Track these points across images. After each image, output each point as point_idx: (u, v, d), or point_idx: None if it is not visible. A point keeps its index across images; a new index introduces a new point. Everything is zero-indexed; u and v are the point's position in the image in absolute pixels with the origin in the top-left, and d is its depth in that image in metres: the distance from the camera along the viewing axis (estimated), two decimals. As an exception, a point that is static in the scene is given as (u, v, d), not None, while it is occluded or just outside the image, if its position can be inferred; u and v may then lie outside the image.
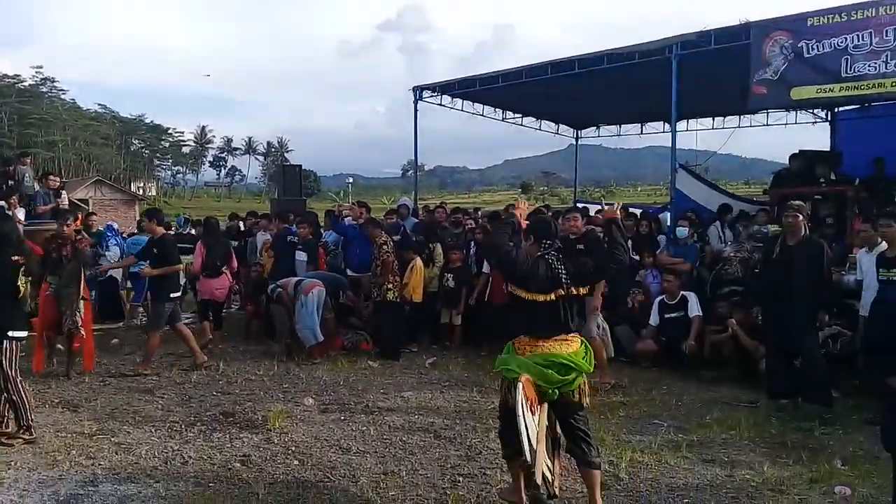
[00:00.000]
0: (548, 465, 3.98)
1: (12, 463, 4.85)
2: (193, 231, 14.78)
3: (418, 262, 9.11)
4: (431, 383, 7.49)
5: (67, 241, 7.63)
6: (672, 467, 4.94)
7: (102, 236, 11.93)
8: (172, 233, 12.41)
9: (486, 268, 9.12)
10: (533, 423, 3.74)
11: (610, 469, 4.85)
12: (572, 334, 4.08)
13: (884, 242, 6.44)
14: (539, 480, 3.80)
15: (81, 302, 7.41)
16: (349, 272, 9.92)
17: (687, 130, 16.49)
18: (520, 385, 3.72)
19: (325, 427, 5.84)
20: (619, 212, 4.52)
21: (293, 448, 5.29)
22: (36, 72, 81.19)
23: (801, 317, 6.29)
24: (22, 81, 79.02)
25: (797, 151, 11.46)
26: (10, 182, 11.84)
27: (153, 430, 5.68)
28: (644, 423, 6.06)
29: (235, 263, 10.20)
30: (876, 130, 12.54)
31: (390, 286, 8.70)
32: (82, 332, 7.41)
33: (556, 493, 4.20)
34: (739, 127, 16.25)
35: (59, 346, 8.07)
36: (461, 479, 4.69)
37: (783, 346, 6.50)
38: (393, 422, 6.00)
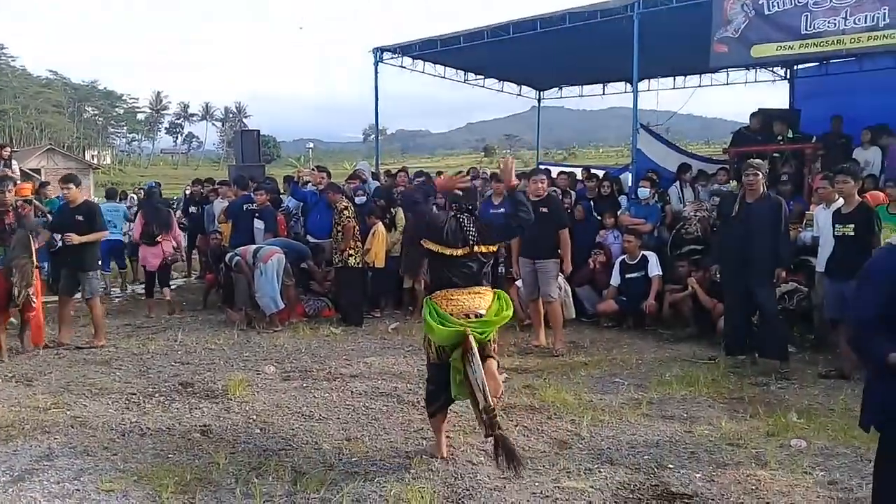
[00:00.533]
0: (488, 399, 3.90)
1: (-39, 439, 4.70)
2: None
3: (380, 227, 9.04)
4: (395, 348, 7.46)
5: (8, 209, 7.33)
6: (632, 424, 4.99)
7: (55, 205, 11.60)
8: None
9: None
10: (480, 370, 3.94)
11: (571, 428, 4.90)
12: (485, 287, 4.36)
13: (840, 199, 6.51)
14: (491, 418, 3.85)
15: (35, 271, 7.10)
16: (310, 238, 9.80)
17: (648, 91, 16.46)
18: (471, 340, 3.97)
19: (286, 395, 5.78)
20: (514, 178, 4.82)
21: (254, 417, 5.23)
22: (-19, 37, 78.26)
23: (759, 273, 6.36)
24: (-32, 48, 76.17)
25: (756, 110, 11.53)
26: (-46, 151, 11.45)
27: (110, 403, 5.56)
28: (605, 383, 6.11)
29: (178, 232, 10.25)
30: (834, 88, 12.69)
31: (352, 252, 8.61)
32: (34, 304, 7.06)
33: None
34: (700, 86, 16.31)
35: (12, 318, 7.69)
36: (424, 441, 4.67)
37: (741, 303, 6.59)
38: (356, 388, 5.96)
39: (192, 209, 12.82)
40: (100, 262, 8.95)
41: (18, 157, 24.57)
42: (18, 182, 11.86)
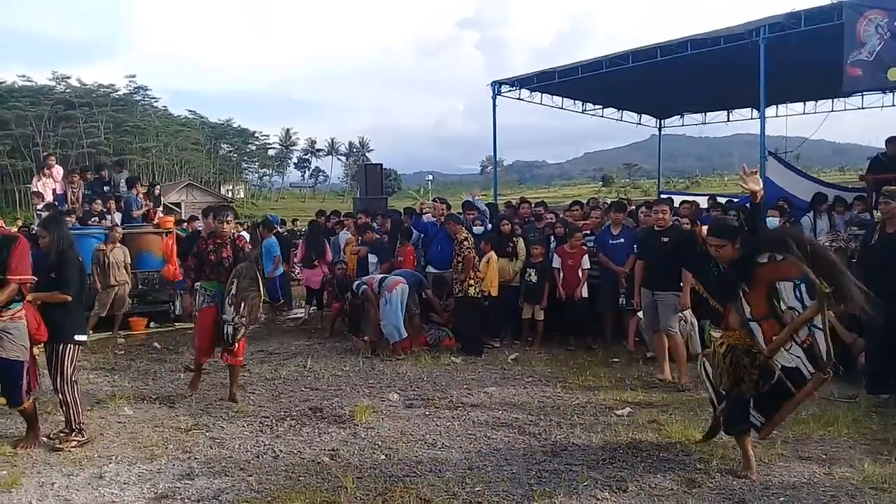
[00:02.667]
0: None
1: (113, 457, 5.09)
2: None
3: (493, 255, 9.11)
4: (514, 379, 7.48)
5: (226, 242, 6.76)
6: (766, 464, 4.77)
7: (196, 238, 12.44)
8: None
9: (555, 262, 9.07)
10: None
11: (700, 466, 4.74)
12: None
13: None
14: None
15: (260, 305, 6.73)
16: (430, 269, 10.00)
17: (776, 116, 15.88)
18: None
19: (410, 422, 5.91)
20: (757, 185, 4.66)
21: (380, 443, 5.38)
22: (129, 81, 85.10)
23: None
24: (116, 91, 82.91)
25: (894, 135, 10.88)
26: (106, 188, 12.52)
27: (245, 425, 5.88)
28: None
29: (330, 256, 11.57)
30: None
31: (472, 282, 8.73)
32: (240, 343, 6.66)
33: None
34: (833, 111, 15.56)
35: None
36: (546, 474, 4.65)
37: (884, 338, 6.19)
38: (477, 417, 6.02)
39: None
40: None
41: (161, 192, 26.57)
42: (162, 214, 12.85)
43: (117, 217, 11.46)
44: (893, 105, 14.70)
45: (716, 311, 7.88)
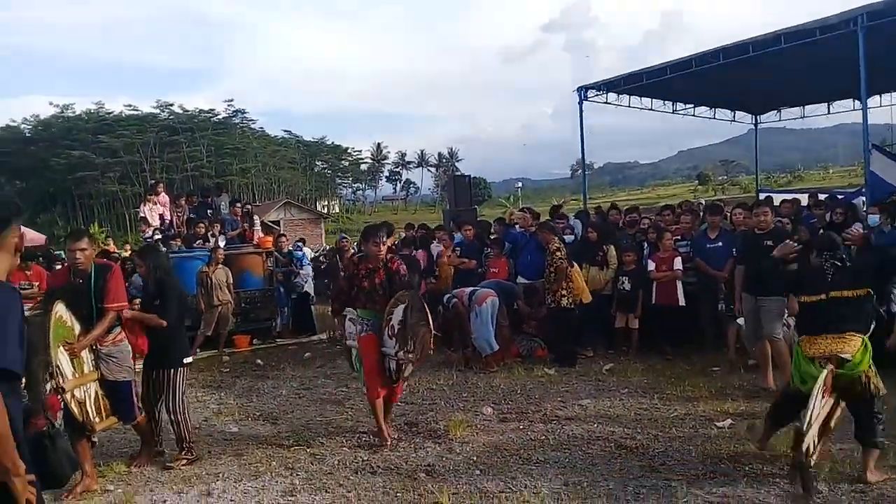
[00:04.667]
0: (814, 441, 4.44)
1: (220, 474, 5.31)
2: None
3: (575, 266, 8.96)
4: (609, 390, 7.36)
5: (379, 265, 6.01)
6: (880, 479, 4.52)
7: (294, 255, 12.84)
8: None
9: (650, 267, 8.88)
10: (819, 404, 4.43)
11: (807, 481, 4.53)
12: (849, 332, 4.59)
13: None
14: (804, 448, 4.28)
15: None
16: (520, 279, 9.97)
17: (880, 107, 15.05)
18: (824, 373, 4.44)
19: (504, 436, 5.91)
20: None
21: (475, 458, 5.40)
22: (228, 105, 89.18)
23: None
24: (216, 115, 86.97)
25: None
26: (210, 211, 13.09)
27: (344, 441, 6.02)
28: (844, 430, 5.53)
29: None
30: None
31: (564, 292, 8.65)
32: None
33: (810, 462, 4.48)
34: (943, 96, 14.63)
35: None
36: (644, 490, 4.57)
37: None
38: (572, 431, 5.97)
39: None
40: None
41: (259, 212, 27.54)
42: (261, 234, 13.31)
43: (221, 241, 11.97)
44: None
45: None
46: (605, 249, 9.43)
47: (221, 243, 11.82)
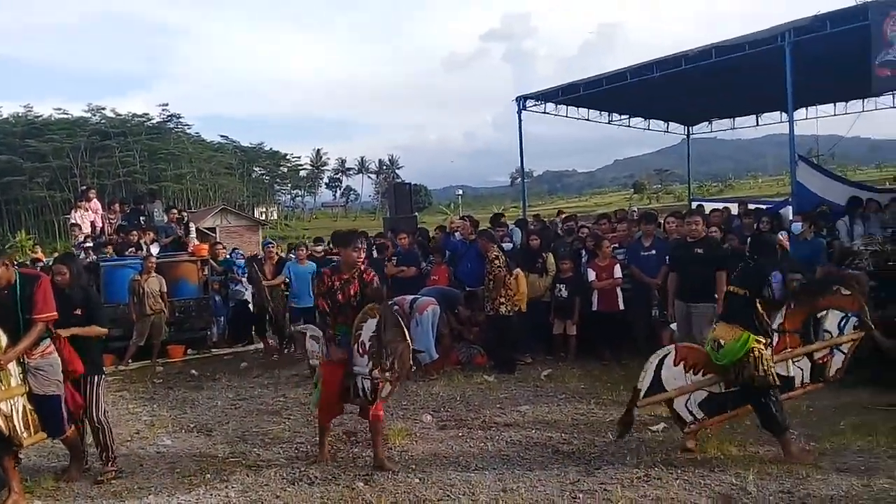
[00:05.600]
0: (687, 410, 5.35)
1: (153, 488, 5.16)
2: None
3: (520, 272, 9.06)
4: (548, 396, 7.45)
5: (354, 276, 5.65)
6: (804, 478, 4.68)
7: (231, 263, 12.61)
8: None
9: (591, 276, 9.04)
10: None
11: (736, 482, 4.68)
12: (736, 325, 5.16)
13: None
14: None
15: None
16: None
17: (806, 119, 15.64)
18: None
19: (443, 444, 5.92)
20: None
21: (413, 466, 5.39)
22: (162, 109, 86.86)
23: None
24: (150, 119, 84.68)
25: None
26: (142, 218, 12.76)
27: (281, 452, 5.93)
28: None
29: None
30: None
31: (503, 300, 8.72)
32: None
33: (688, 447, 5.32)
34: (864, 111, 15.30)
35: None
36: (581, 495, 4.63)
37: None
38: (510, 437, 6.01)
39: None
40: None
41: (195, 218, 27.00)
42: (196, 242, 13.03)
43: (154, 249, 11.67)
44: (929, 100, 14.42)
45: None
46: (545, 257, 9.57)
47: (154, 251, 11.53)
